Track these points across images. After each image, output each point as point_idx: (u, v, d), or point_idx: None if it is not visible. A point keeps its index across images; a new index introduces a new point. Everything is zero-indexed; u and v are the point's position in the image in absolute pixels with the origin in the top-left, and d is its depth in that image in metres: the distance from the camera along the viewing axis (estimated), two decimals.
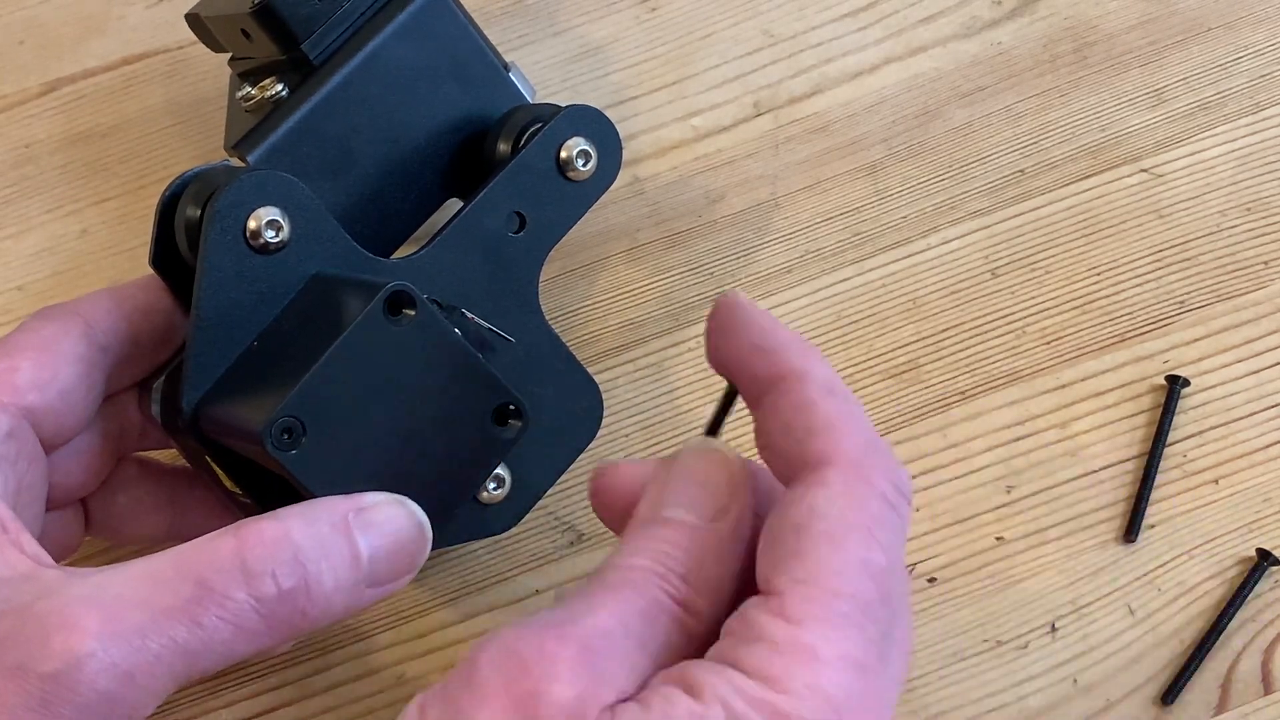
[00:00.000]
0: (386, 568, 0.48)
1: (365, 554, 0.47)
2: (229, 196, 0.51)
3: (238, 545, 0.45)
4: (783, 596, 0.41)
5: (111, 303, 0.55)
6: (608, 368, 0.65)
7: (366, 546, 0.47)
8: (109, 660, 0.43)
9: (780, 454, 0.44)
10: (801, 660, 0.40)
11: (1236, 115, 0.69)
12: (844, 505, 0.42)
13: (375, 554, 0.47)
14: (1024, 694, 0.59)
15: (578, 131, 0.58)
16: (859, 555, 0.41)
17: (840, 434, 0.43)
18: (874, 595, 0.41)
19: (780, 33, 0.72)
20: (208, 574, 0.45)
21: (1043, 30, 0.72)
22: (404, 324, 0.49)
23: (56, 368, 0.52)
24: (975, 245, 0.67)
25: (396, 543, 0.48)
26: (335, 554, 0.46)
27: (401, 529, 0.48)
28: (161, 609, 0.44)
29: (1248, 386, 0.64)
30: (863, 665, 0.40)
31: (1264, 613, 0.60)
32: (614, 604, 0.42)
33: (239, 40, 0.60)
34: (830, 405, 0.44)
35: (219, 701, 0.60)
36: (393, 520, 0.48)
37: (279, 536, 0.46)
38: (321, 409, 0.48)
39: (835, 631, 0.40)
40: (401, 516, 0.48)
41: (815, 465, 0.43)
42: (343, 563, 0.46)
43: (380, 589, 0.48)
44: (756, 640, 0.40)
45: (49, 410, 0.52)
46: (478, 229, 0.57)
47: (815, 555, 0.41)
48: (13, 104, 0.72)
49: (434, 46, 0.59)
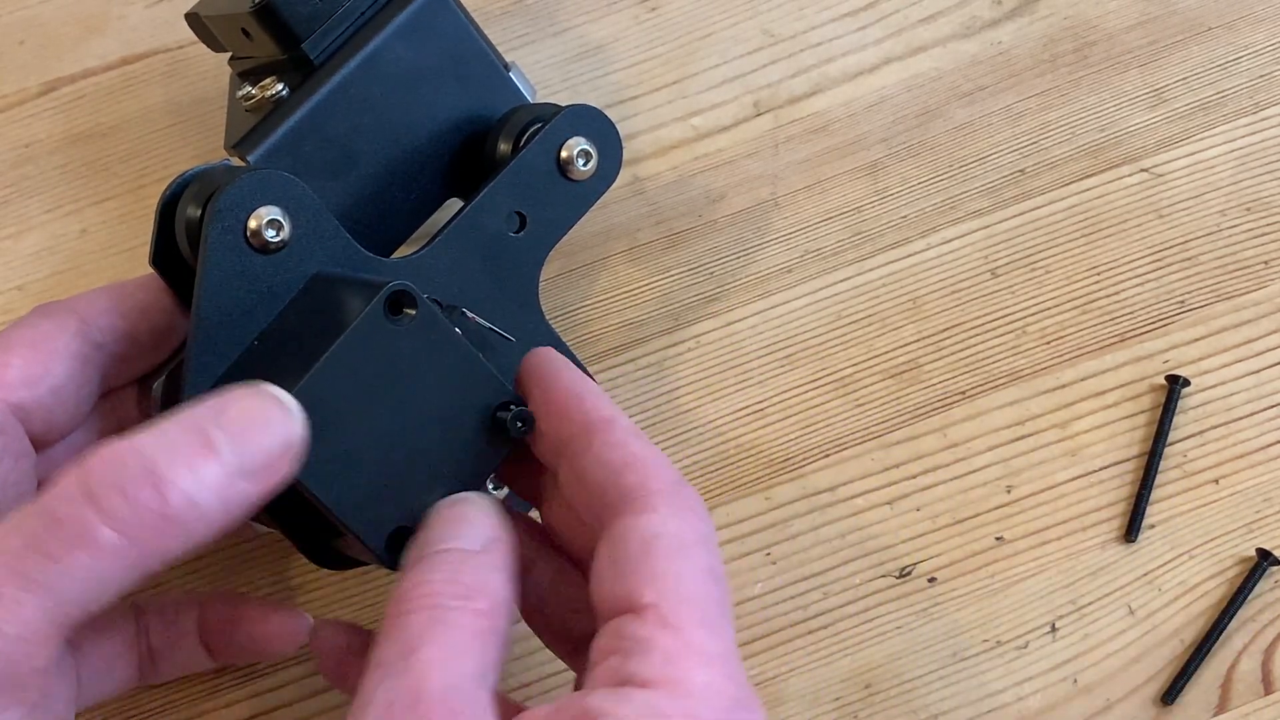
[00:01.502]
0: (255, 456, 0.45)
1: (225, 445, 0.44)
2: (230, 196, 0.51)
3: (79, 470, 0.43)
4: (658, 608, 0.43)
5: (109, 300, 0.55)
6: (608, 368, 0.65)
7: (226, 438, 0.44)
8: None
9: (594, 490, 0.47)
10: (696, 661, 0.42)
11: (1236, 115, 0.69)
12: (676, 524, 0.45)
13: (237, 442, 0.44)
14: (1024, 694, 0.59)
15: (578, 131, 0.58)
16: (705, 564, 0.45)
17: (652, 467, 0.47)
18: (723, 597, 0.45)
19: (780, 33, 0.72)
20: (53, 505, 0.43)
21: (1043, 30, 0.72)
22: (405, 323, 0.49)
23: (48, 365, 0.52)
24: (975, 245, 0.67)
25: (255, 424, 0.45)
26: (189, 453, 0.43)
27: (258, 410, 0.46)
28: (12, 552, 0.42)
29: (1248, 386, 0.64)
30: (735, 657, 0.44)
31: (1264, 613, 0.60)
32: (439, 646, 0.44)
33: (239, 40, 0.60)
34: (638, 444, 0.48)
35: (218, 702, 0.60)
36: (251, 404, 0.46)
37: (122, 451, 0.43)
38: (322, 408, 0.48)
39: (711, 631, 0.43)
40: (258, 395, 0.46)
41: (634, 496, 0.46)
42: (199, 460, 0.43)
43: (259, 482, 0.45)
44: (647, 652, 0.42)
45: (39, 407, 0.52)
46: (478, 229, 0.57)
47: (670, 569, 0.44)
48: (12, 104, 0.72)
49: (434, 46, 0.59)
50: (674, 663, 0.42)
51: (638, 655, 0.42)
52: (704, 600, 0.44)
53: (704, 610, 0.44)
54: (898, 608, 0.61)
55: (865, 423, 0.64)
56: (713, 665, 0.42)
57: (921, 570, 0.61)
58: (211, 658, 0.58)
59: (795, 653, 0.60)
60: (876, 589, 0.61)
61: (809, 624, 0.61)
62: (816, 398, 0.65)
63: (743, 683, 0.43)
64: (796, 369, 0.65)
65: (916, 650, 0.60)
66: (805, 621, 0.61)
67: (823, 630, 0.61)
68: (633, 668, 0.42)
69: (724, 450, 0.64)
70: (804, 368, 0.65)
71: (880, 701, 0.60)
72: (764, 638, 0.61)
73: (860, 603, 0.61)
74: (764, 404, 0.65)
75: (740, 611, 0.61)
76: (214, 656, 0.58)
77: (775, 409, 0.64)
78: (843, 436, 0.64)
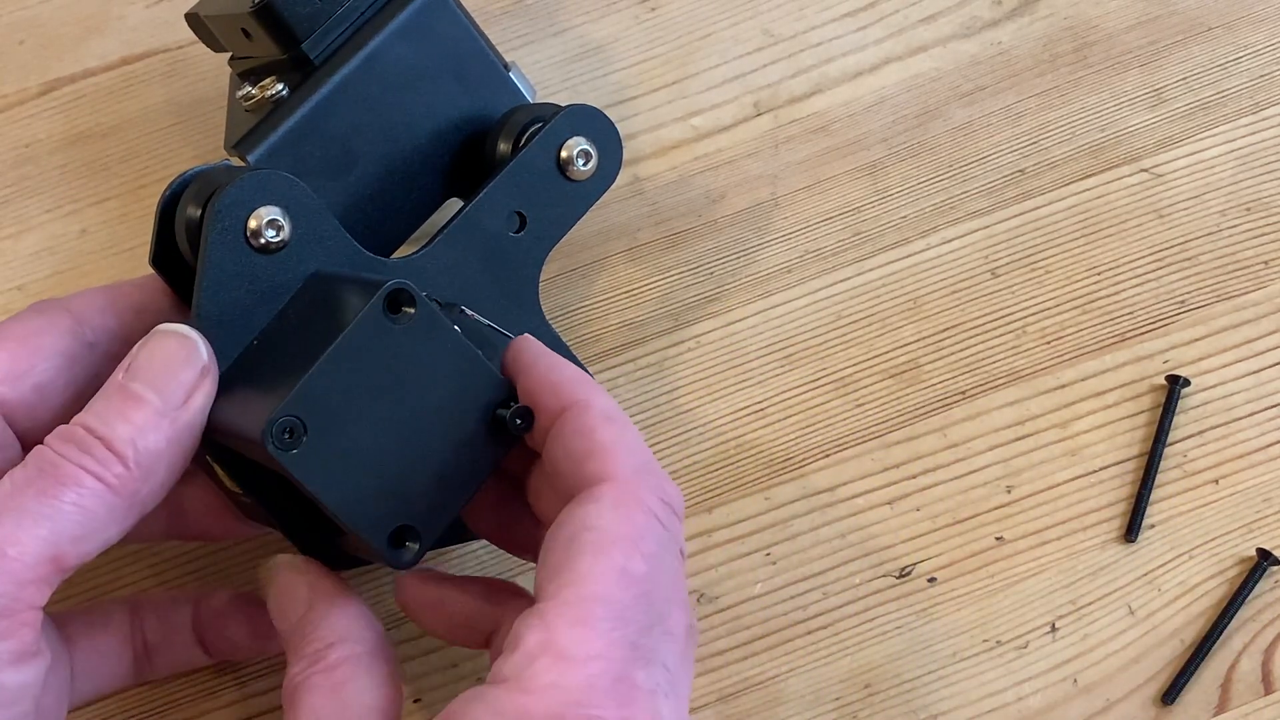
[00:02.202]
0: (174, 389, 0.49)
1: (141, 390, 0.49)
2: (230, 196, 0.51)
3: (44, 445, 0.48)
4: (544, 604, 0.44)
5: (104, 300, 0.55)
6: (608, 368, 0.65)
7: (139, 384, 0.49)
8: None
9: (563, 477, 0.48)
10: (550, 661, 0.43)
11: (1236, 115, 0.69)
12: (611, 518, 0.46)
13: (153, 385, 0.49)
14: (1024, 694, 0.59)
15: (578, 131, 0.58)
16: (619, 563, 0.45)
17: (614, 455, 0.47)
18: (629, 599, 0.44)
19: (780, 33, 0.72)
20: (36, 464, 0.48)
21: (1043, 30, 0.72)
22: (404, 322, 0.49)
23: (33, 361, 0.53)
24: (975, 245, 0.67)
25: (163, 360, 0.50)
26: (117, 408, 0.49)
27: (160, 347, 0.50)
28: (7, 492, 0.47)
29: (1248, 386, 0.64)
30: (613, 660, 0.43)
31: (1264, 613, 0.60)
32: None
33: (239, 40, 0.60)
34: (608, 430, 0.48)
35: (218, 702, 0.60)
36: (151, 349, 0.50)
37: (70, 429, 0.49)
38: (322, 408, 0.48)
39: (588, 631, 0.43)
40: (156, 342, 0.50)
41: (588, 484, 0.47)
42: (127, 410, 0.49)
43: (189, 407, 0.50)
44: (514, 650, 0.44)
45: (21, 403, 0.53)
46: (478, 228, 0.57)
47: (579, 564, 0.45)
48: (12, 104, 0.72)
49: (434, 46, 0.59)
50: (529, 662, 0.43)
51: (508, 652, 0.44)
52: (598, 600, 0.44)
53: (589, 610, 0.44)
54: (897, 608, 0.61)
55: (865, 423, 0.64)
56: (572, 665, 0.43)
57: (921, 570, 0.61)
58: (207, 654, 0.58)
59: (795, 653, 0.60)
60: (876, 589, 0.61)
61: (809, 624, 0.61)
62: (816, 398, 0.65)
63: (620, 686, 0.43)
64: (796, 369, 0.65)
65: (916, 650, 0.60)
66: (805, 621, 0.61)
67: (823, 630, 0.61)
68: (499, 665, 0.44)
69: (724, 450, 0.64)
70: (804, 368, 0.65)
71: (880, 701, 0.60)
72: (764, 638, 0.61)
73: (860, 603, 0.61)
74: (764, 404, 0.65)
75: (740, 611, 0.61)
76: (209, 653, 0.58)
77: (775, 409, 0.64)
78: (843, 436, 0.64)
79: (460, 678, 0.60)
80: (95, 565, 0.61)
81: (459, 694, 0.44)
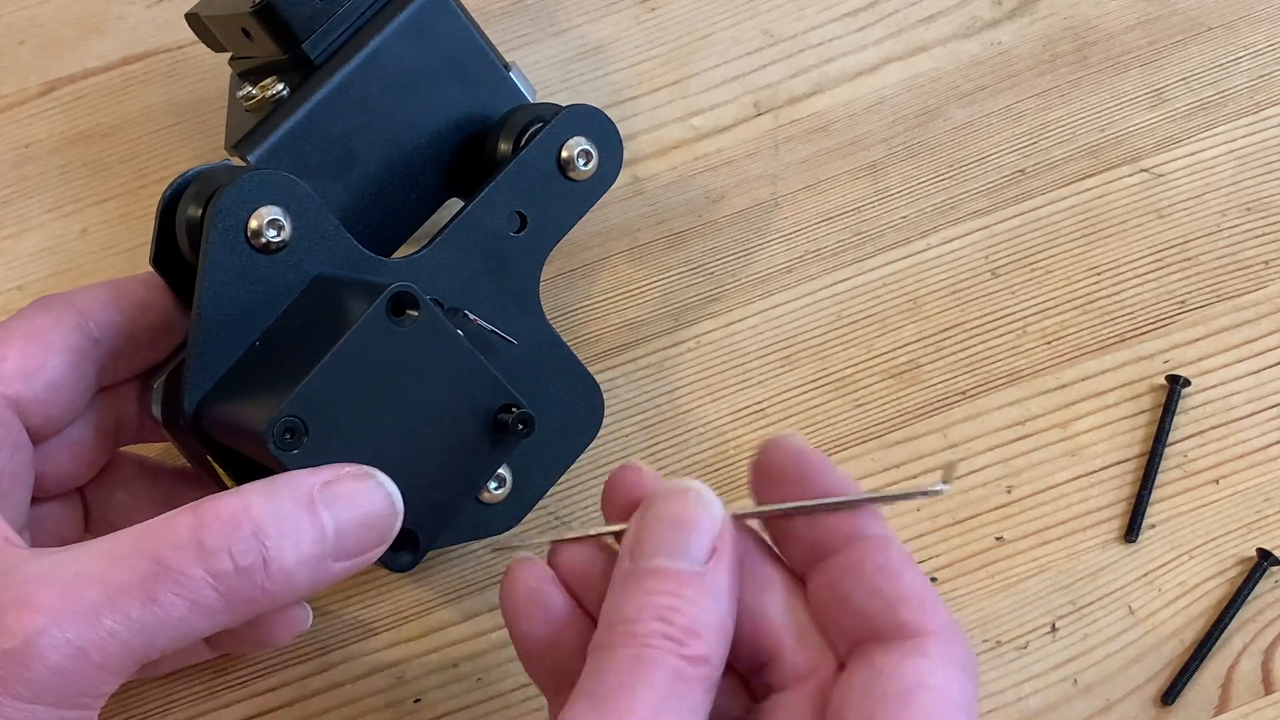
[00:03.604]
0: (354, 542, 0.47)
1: (330, 529, 0.46)
2: (230, 196, 0.51)
3: (194, 522, 0.45)
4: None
5: (108, 296, 0.55)
6: (608, 368, 0.65)
7: (332, 521, 0.46)
8: (62, 637, 0.43)
9: (856, 612, 0.45)
10: None
11: (1236, 115, 0.69)
12: (944, 681, 0.43)
13: (341, 528, 0.46)
14: (1024, 694, 0.59)
15: (579, 131, 0.58)
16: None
17: (931, 606, 0.44)
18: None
19: (780, 33, 0.72)
20: (164, 551, 0.44)
21: (1043, 30, 0.72)
22: (407, 325, 0.49)
23: (45, 358, 0.52)
24: (975, 245, 0.67)
25: (365, 516, 0.47)
26: (296, 529, 0.46)
27: (370, 502, 0.48)
28: (117, 586, 0.44)
29: (1248, 386, 0.64)
30: None
31: (1264, 613, 0.60)
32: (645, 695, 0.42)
33: (239, 40, 0.60)
34: (916, 576, 0.45)
35: (218, 702, 0.60)
36: (361, 493, 0.48)
37: (237, 512, 0.45)
38: (324, 409, 0.48)
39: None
40: (369, 489, 0.48)
41: (910, 634, 0.44)
42: (305, 538, 0.46)
43: (349, 563, 0.47)
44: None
45: (35, 400, 0.52)
46: (478, 228, 0.57)
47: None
48: (13, 104, 0.72)
49: (435, 46, 0.59)
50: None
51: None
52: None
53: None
54: None
55: (865, 423, 0.64)
56: None
57: (921, 570, 0.61)
58: (210, 648, 0.58)
59: None
60: None
61: None
62: (816, 398, 0.65)
63: None
64: (796, 369, 0.65)
65: None
66: None
67: None
68: None
69: (724, 450, 0.64)
70: (804, 368, 0.65)
71: None
72: None
73: None
74: (764, 404, 0.65)
75: None
76: (213, 647, 0.58)
77: (775, 409, 0.64)
78: (843, 436, 0.64)
79: (460, 677, 0.60)
80: None
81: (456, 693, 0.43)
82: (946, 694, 0.42)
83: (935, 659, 0.43)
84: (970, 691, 0.43)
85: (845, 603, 0.45)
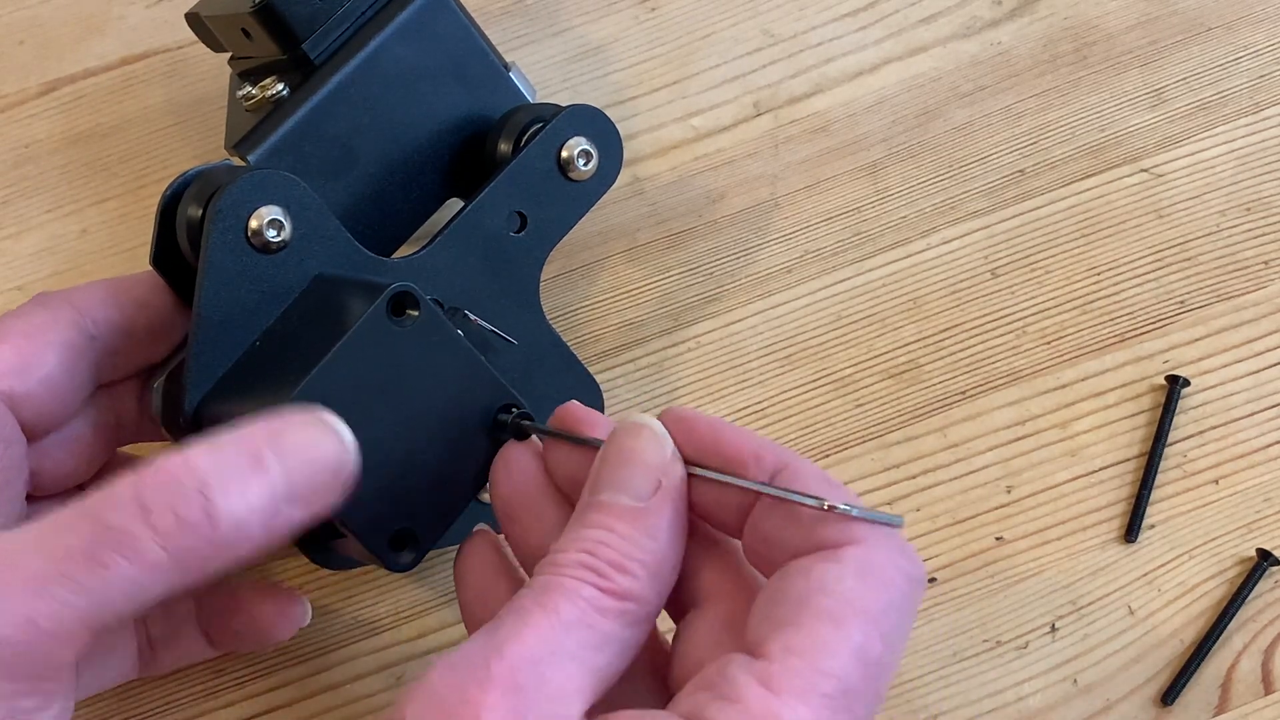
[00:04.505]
0: (308, 487, 0.45)
1: (279, 475, 0.44)
2: (231, 195, 0.51)
3: (135, 481, 0.43)
4: (769, 663, 0.40)
5: (106, 293, 0.55)
6: (608, 368, 0.65)
7: (280, 467, 0.44)
8: (8, 608, 0.42)
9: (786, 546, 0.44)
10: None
11: (1236, 115, 0.69)
12: (853, 586, 0.41)
13: (292, 474, 0.44)
14: (1024, 694, 0.59)
15: (579, 131, 0.58)
16: (857, 640, 0.41)
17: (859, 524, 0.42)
18: (860, 684, 0.41)
19: (780, 33, 0.72)
20: (106, 514, 0.43)
21: (1043, 30, 0.72)
22: (407, 325, 0.49)
23: (40, 354, 0.52)
24: (975, 245, 0.67)
25: (315, 459, 0.45)
26: (242, 479, 0.44)
27: (319, 443, 0.46)
28: (61, 553, 0.43)
29: (1248, 386, 0.64)
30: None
31: (1264, 613, 0.60)
32: (541, 620, 0.42)
33: (239, 39, 0.60)
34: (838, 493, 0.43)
35: (218, 702, 0.60)
36: (309, 437, 0.46)
37: (177, 467, 0.43)
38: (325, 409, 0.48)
39: (811, 711, 0.40)
40: (317, 432, 0.46)
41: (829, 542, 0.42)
42: (252, 488, 0.44)
43: (307, 510, 0.45)
44: (731, 701, 0.40)
45: (29, 396, 0.52)
46: (479, 229, 0.57)
47: (812, 630, 0.41)
48: (13, 104, 0.72)
49: (435, 46, 0.59)
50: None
51: (722, 701, 0.40)
52: (830, 676, 0.40)
53: (818, 685, 0.40)
54: None
55: (865, 423, 0.64)
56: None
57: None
58: (211, 646, 0.58)
59: None
60: None
61: None
62: (816, 398, 0.65)
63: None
64: (796, 369, 0.65)
65: (916, 650, 0.60)
66: None
67: None
68: (712, 711, 0.40)
69: None
70: (804, 368, 0.65)
71: None
72: None
73: None
74: (764, 404, 0.65)
75: None
76: (214, 645, 0.58)
77: (775, 409, 0.64)
78: (843, 436, 0.64)
79: None
80: None
81: None
82: (850, 599, 0.41)
83: (846, 564, 0.42)
84: (885, 599, 0.41)
85: (770, 539, 0.44)
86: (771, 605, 0.42)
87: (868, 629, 0.41)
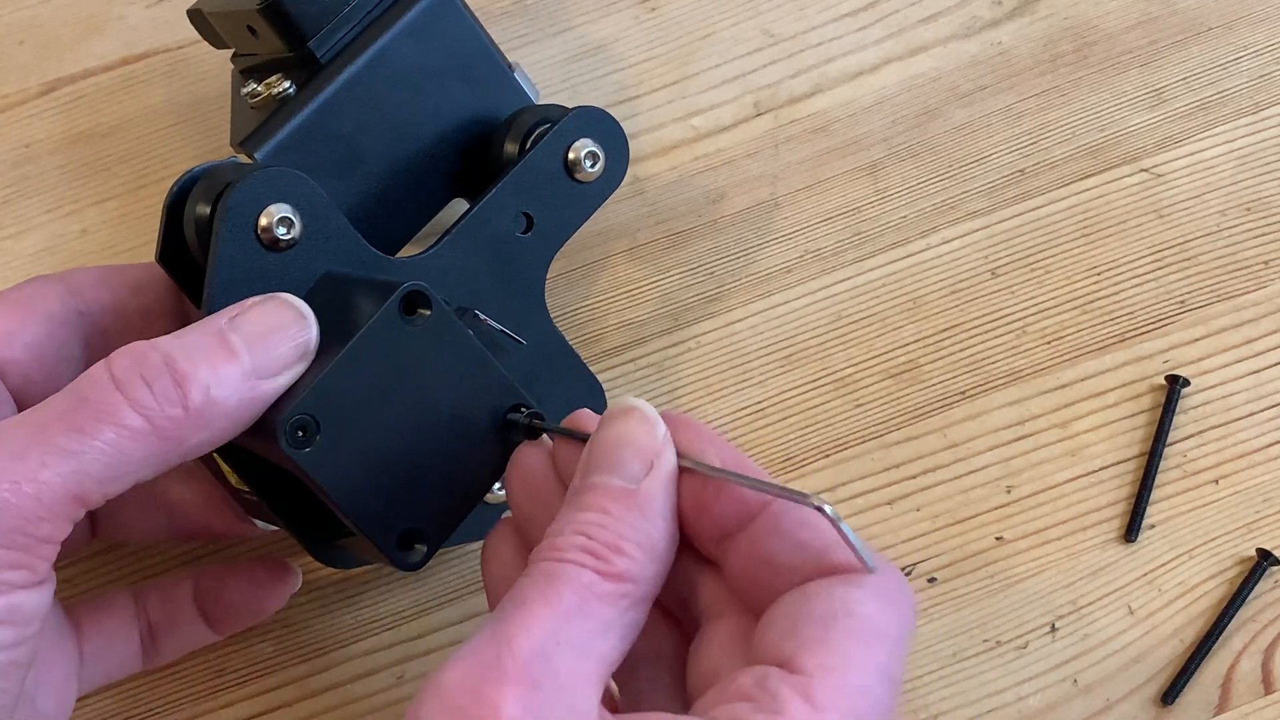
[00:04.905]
0: (271, 355, 0.48)
1: (241, 347, 0.48)
2: (241, 192, 0.51)
3: (104, 362, 0.47)
4: (810, 678, 0.41)
5: (100, 274, 0.56)
6: (608, 368, 0.65)
7: (241, 340, 0.48)
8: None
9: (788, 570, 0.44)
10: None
11: (1236, 115, 0.69)
12: (875, 610, 0.42)
13: (253, 345, 0.48)
14: (1024, 694, 0.60)
15: (586, 133, 0.58)
16: (884, 661, 0.42)
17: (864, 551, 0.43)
18: (887, 703, 0.42)
19: (780, 33, 0.72)
20: (82, 389, 0.46)
21: (1043, 30, 0.72)
22: (419, 324, 0.49)
23: (25, 322, 0.54)
24: (975, 245, 0.67)
25: (274, 327, 0.49)
26: (207, 354, 0.47)
27: (276, 314, 0.49)
28: (41, 423, 0.46)
29: (1248, 386, 0.64)
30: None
31: (1264, 613, 0.61)
32: (544, 611, 0.42)
33: (243, 36, 0.60)
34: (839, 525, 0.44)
35: (218, 702, 0.60)
36: (266, 312, 0.49)
37: (144, 347, 0.47)
38: (336, 407, 0.48)
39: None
40: (273, 306, 0.49)
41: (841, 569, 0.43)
42: (218, 360, 0.47)
43: (276, 379, 0.48)
44: (774, 714, 0.40)
45: (12, 361, 0.54)
46: (486, 229, 0.57)
47: (845, 649, 0.41)
48: (12, 104, 0.72)
49: (441, 46, 0.59)
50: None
51: (769, 713, 0.40)
52: (860, 695, 0.41)
53: (856, 703, 0.41)
54: None
55: (865, 423, 0.64)
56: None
57: (921, 570, 0.61)
58: (212, 629, 0.58)
59: None
60: None
61: None
62: (816, 398, 0.65)
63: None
64: (796, 369, 0.65)
65: (916, 650, 0.60)
66: None
67: None
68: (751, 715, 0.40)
69: None
70: (804, 368, 0.65)
71: None
72: None
73: None
74: (764, 404, 0.65)
75: None
76: (213, 627, 0.58)
77: (775, 409, 0.64)
78: (843, 436, 0.64)
79: None
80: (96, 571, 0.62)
81: None
82: (873, 622, 0.42)
83: (867, 589, 0.42)
84: (897, 625, 0.43)
85: (770, 564, 0.44)
86: (797, 622, 0.42)
87: (891, 650, 0.42)
